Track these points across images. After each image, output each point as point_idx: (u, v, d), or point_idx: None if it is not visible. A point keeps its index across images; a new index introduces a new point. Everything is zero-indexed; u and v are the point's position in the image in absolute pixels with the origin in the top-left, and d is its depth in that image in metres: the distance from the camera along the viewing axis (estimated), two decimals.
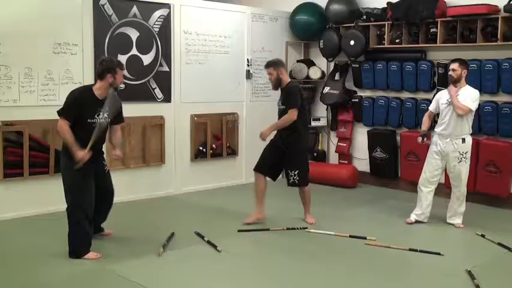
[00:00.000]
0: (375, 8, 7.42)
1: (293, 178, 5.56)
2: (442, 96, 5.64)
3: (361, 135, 7.98)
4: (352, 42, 7.49)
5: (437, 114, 5.78)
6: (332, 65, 8.23)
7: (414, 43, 7.04)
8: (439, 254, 4.73)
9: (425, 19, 6.78)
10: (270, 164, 5.62)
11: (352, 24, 7.58)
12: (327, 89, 8.04)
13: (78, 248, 4.55)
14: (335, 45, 7.78)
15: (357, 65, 7.74)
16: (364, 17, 7.50)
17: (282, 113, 5.52)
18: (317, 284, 4.13)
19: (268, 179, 5.72)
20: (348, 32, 7.61)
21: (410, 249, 4.84)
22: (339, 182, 7.70)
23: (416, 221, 5.70)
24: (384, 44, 7.35)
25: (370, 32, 7.46)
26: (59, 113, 4.53)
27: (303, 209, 5.84)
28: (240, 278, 4.26)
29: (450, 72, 5.49)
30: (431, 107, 5.82)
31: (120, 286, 4.05)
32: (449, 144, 5.49)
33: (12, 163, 5.75)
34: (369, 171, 7.82)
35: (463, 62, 5.52)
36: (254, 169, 5.68)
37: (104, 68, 4.57)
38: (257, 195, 5.66)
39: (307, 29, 8.13)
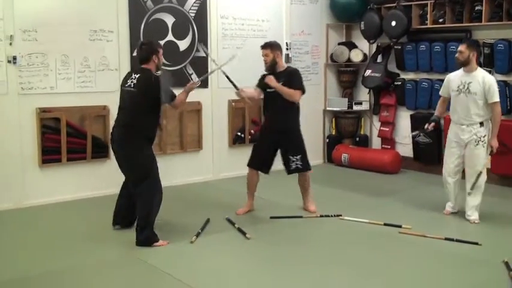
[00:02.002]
0: None
1: (296, 164, 5.37)
2: (452, 83, 5.24)
3: (404, 119, 7.74)
4: (393, 23, 7.25)
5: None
6: (374, 47, 7.99)
7: (458, 22, 6.74)
8: (476, 243, 4.52)
9: None
10: (264, 159, 5.42)
11: (394, 4, 7.32)
12: (368, 72, 7.82)
13: (149, 236, 4.55)
14: (376, 26, 7.55)
15: (399, 47, 7.49)
16: None
17: (276, 97, 5.28)
18: (348, 273, 4.01)
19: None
20: (390, 12, 7.36)
21: (446, 239, 4.64)
22: (381, 168, 7.50)
23: (452, 213, 5.44)
24: (427, 24, 7.08)
25: (413, 11, 7.20)
26: (173, 96, 4.77)
27: (302, 196, 5.64)
28: (263, 265, 4.20)
29: (457, 55, 5.10)
30: (443, 93, 5.42)
31: (146, 272, 4.06)
32: (466, 130, 5.12)
33: (50, 149, 5.88)
34: (412, 156, 7.58)
35: (471, 44, 5.12)
36: (248, 165, 5.48)
37: (148, 51, 4.66)
38: (250, 188, 5.53)
39: (347, 10, 7.96)
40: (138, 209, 4.58)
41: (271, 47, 5.37)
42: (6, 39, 5.53)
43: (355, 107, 8.12)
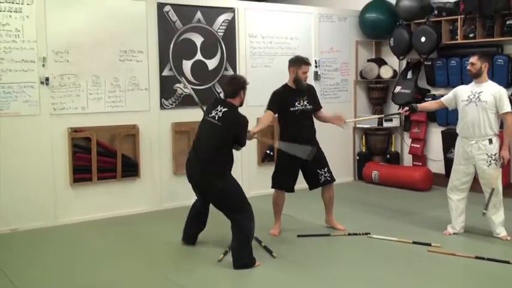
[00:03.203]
0: (447, 2, 7.11)
1: (324, 176, 5.37)
2: (461, 93, 5.14)
3: (435, 136, 7.64)
4: (423, 39, 7.19)
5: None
6: (404, 63, 7.94)
7: (489, 37, 6.64)
8: (508, 262, 4.40)
9: (500, 11, 6.38)
10: (292, 179, 5.37)
11: (423, 20, 7.27)
12: (398, 89, 7.75)
13: (250, 260, 4.50)
14: (406, 42, 7.50)
15: (430, 63, 7.41)
16: (436, 12, 7.19)
17: (308, 113, 5.36)
18: None
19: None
20: (419, 28, 7.30)
21: (476, 257, 4.53)
22: (412, 185, 7.40)
23: (454, 233, 5.29)
24: (457, 40, 6.99)
25: (443, 27, 7.12)
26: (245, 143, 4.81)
27: (326, 212, 5.59)
28: (290, 285, 4.16)
29: (469, 67, 5.04)
30: (445, 99, 5.33)
31: None
32: (475, 147, 4.99)
33: (81, 168, 5.98)
34: (444, 173, 7.45)
35: (483, 55, 5.05)
36: (277, 187, 5.43)
37: (236, 87, 4.70)
38: (278, 210, 5.50)
39: (377, 26, 7.92)
40: (236, 237, 4.50)
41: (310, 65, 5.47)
42: (40, 61, 5.68)
43: (386, 124, 8.04)
